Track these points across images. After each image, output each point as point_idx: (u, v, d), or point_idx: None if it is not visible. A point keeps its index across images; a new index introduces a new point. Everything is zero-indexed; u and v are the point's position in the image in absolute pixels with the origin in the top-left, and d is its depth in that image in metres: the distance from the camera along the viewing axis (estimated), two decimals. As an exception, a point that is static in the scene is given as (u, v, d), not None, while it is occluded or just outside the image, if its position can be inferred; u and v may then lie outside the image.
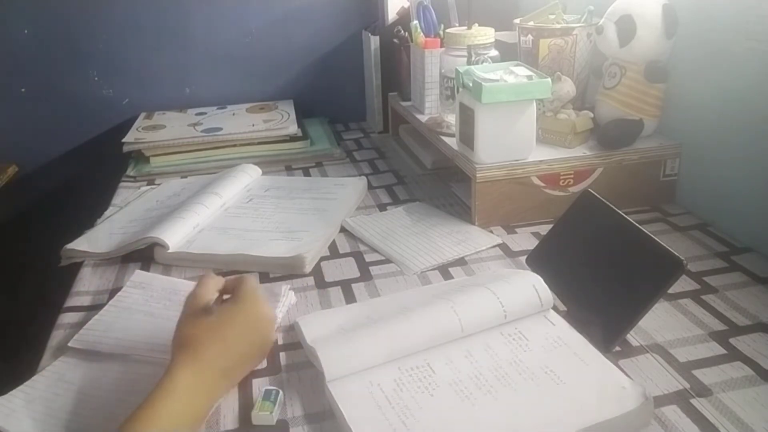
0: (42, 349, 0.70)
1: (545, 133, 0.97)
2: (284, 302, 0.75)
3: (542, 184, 0.93)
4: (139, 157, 1.26)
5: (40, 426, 0.57)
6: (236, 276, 0.68)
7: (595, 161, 0.93)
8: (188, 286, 0.80)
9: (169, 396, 0.55)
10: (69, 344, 0.69)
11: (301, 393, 0.62)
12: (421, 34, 1.15)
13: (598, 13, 0.98)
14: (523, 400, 0.57)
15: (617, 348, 0.65)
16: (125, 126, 1.35)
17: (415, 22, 1.16)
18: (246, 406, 0.60)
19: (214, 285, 0.66)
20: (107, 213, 1.04)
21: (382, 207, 1.03)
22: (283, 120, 1.34)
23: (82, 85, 1.42)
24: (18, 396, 0.62)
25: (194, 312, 0.62)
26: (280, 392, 0.60)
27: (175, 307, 0.74)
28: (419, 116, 1.17)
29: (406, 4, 1.32)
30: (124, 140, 1.26)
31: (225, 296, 0.67)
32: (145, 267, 0.86)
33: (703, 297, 0.73)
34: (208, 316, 0.62)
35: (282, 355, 0.67)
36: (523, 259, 0.82)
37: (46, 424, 0.58)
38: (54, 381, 0.64)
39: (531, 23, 1.04)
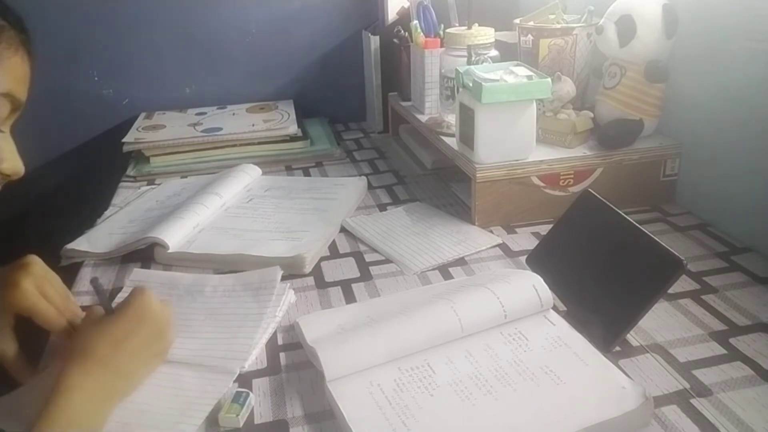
0: (42, 349, 0.70)
1: (545, 133, 0.97)
2: (284, 301, 0.75)
3: (542, 184, 0.93)
4: (139, 157, 1.26)
5: None
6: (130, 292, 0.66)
7: (595, 161, 0.93)
8: (187, 279, 0.81)
9: (63, 400, 0.54)
10: None
11: (301, 393, 0.62)
12: (421, 34, 1.15)
13: (598, 13, 0.98)
14: (523, 400, 0.57)
15: (617, 348, 0.65)
16: (125, 126, 1.35)
17: (415, 22, 1.16)
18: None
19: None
20: (107, 213, 1.04)
21: (382, 207, 1.03)
22: (283, 120, 1.34)
23: (82, 85, 1.42)
24: (19, 396, 0.62)
25: (85, 322, 0.62)
26: (251, 395, 0.59)
27: (175, 301, 0.76)
28: (419, 116, 1.17)
29: (406, 4, 1.32)
30: (124, 140, 1.26)
31: None
32: (145, 267, 0.86)
33: (703, 297, 0.73)
34: (99, 324, 0.61)
35: (282, 355, 0.67)
36: (523, 259, 0.82)
37: None
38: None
39: (531, 23, 1.04)
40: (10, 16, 0.57)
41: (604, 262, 0.70)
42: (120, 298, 0.79)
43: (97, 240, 0.92)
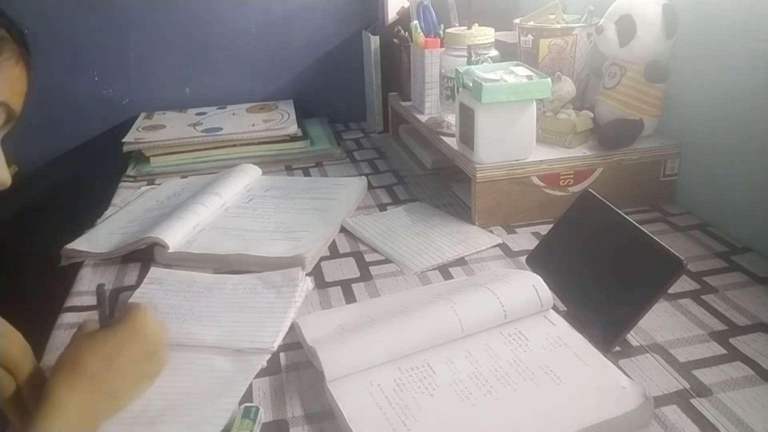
0: (42, 349, 0.70)
1: (545, 133, 0.97)
2: (302, 288, 0.76)
3: (542, 184, 0.93)
4: (139, 157, 1.26)
5: None
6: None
7: (595, 161, 0.93)
8: (206, 278, 0.81)
9: (48, 418, 0.51)
10: None
11: (301, 393, 0.62)
12: (421, 34, 1.15)
13: (598, 13, 0.98)
14: (523, 400, 0.57)
15: (617, 348, 0.65)
16: (125, 126, 1.35)
17: (415, 22, 1.16)
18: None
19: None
20: (107, 213, 1.04)
21: (382, 207, 1.03)
22: (283, 120, 1.34)
23: (82, 85, 1.42)
24: None
25: (78, 336, 0.59)
26: (260, 410, 0.58)
27: (194, 298, 0.77)
28: (419, 116, 1.17)
29: (406, 4, 1.32)
30: (124, 140, 1.26)
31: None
32: (145, 267, 0.86)
33: (703, 297, 0.73)
34: (91, 337, 0.59)
35: (282, 355, 0.67)
36: (523, 259, 0.82)
37: None
38: None
39: (531, 23, 1.04)
40: (13, 30, 0.57)
41: (604, 262, 0.70)
42: (125, 301, 0.79)
43: (97, 240, 0.92)
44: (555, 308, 0.70)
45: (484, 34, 1.00)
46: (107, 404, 0.57)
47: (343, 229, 0.95)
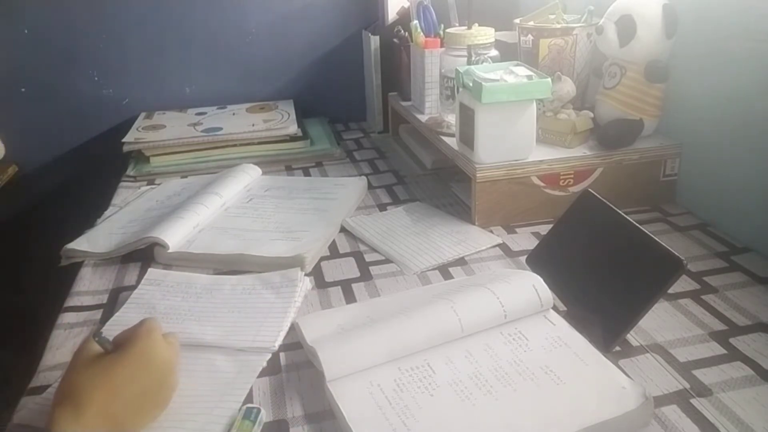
0: (42, 349, 0.70)
1: (545, 133, 0.97)
2: (302, 288, 0.76)
3: (542, 184, 0.93)
4: (139, 157, 1.26)
5: None
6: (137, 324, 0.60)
7: (595, 161, 0.93)
8: (204, 279, 0.81)
9: None
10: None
11: (301, 393, 0.62)
12: (421, 34, 1.15)
13: (598, 13, 0.98)
14: (523, 400, 0.57)
15: (617, 348, 0.65)
16: (125, 126, 1.35)
17: (415, 22, 1.16)
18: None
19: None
20: (107, 213, 1.04)
21: (382, 207, 1.03)
22: (283, 120, 1.34)
23: (82, 85, 1.42)
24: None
25: (80, 361, 0.55)
26: (262, 411, 0.58)
27: (193, 299, 0.77)
28: (419, 116, 1.17)
29: (406, 4, 1.32)
30: (124, 140, 1.26)
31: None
32: (145, 267, 0.86)
33: (703, 297, 0.73)
34: (95, 363, 0.55)
35: (282, 355, 0.67)
36: (523, 259, 0.82)
37: None
38: None
39: (531, 23, 1.04)
40: None
41: (604, 261, 0.70)
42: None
43: (96, 240, 0.92)
44: (555, 308, 0.70)
45: (484, 34, 1.00)
46: None
47: (343, 229, 0.95)
